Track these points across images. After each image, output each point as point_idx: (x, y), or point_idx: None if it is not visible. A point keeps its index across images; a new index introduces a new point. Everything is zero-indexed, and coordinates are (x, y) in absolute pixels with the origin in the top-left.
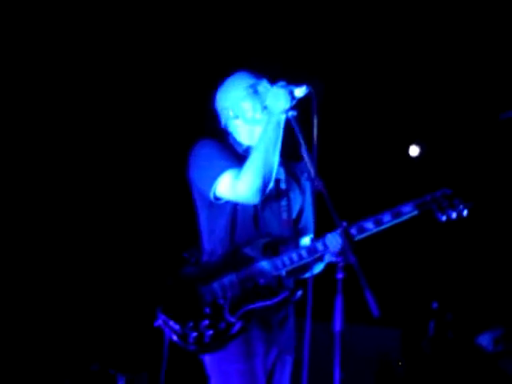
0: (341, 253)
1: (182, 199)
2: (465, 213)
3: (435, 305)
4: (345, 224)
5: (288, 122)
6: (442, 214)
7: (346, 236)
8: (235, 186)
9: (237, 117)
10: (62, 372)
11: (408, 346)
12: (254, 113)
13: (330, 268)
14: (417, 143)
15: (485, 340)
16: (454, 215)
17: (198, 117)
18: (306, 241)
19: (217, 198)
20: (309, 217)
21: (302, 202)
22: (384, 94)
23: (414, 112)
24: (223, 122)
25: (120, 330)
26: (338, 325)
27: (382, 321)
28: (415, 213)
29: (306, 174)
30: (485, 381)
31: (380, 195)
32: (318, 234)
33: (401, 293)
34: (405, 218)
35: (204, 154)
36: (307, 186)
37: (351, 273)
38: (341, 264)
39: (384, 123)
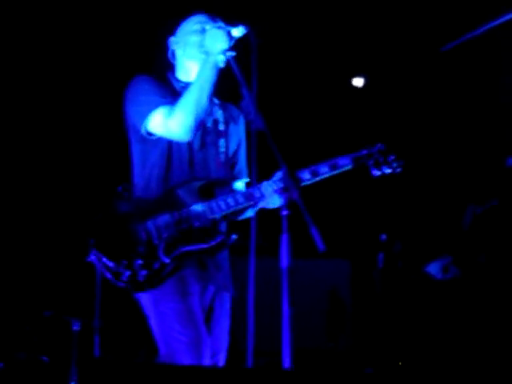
0: (284, 189)
1: (115, 133)
2: (398, 170)
3: (384, 236)
4: (280, 173)
5: (227, 62)
6: (378, 170)
7: (289, 173)
8: (166, 123)
9: (180, 48)
10: (17, 320)
11: (357, 277)
12: (195, 49)
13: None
14: (361, 74)
15: (434, 268)
16: (387, 171)
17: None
18: (239, 185)
19: (149, 134)
20: (243, 161)
21: (238, 144)
22: (326, 28)
23: (356, 43)
24: (170, 53)
25: (63, 272)
26: (284, 261)
27: (330, 254)
28: (350, 166)
29: (244, 115)
30: (434, 309)
31: (326, 128)
32: (258, 178)
33: (349, 225)
34: (340, 170)
35: (139, 89)
36: (243, 129)
37: (296, 209)
38: (285, 201)
39: (326, 56)
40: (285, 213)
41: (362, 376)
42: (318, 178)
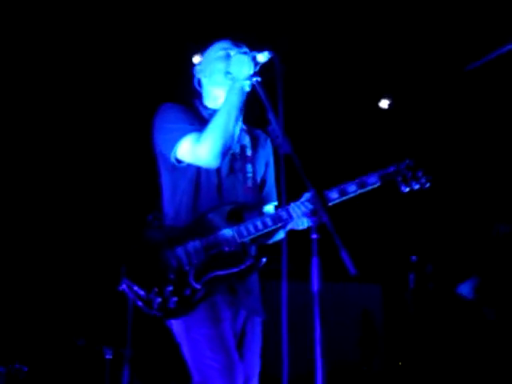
0: (313, 213)
1: (144, 163)
2: (427, 185)
3: (414, 258)
4: (308, 194)
5: (253, 87)
6: (406, 186)
7: (318, 196)
8: (195, 150)
9: (205, 76)
10: (50, 349)
11: (389, 299)
12: (220, 76)
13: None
14: (387, 96)
15: (465, 289)
16: (416, 186)
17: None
18: (269, 208)
19: (178, 161)
20: (272, 185)
21: (266, 169)
22: (352, 51)
23: (382, 66)
24: (195, 82)
25: (97, 301)
26: (315, 284)
27: (362, 277)
28: (379, 184)
29: (271, 140)
30: (466, 329)
31: (353, 150)
32: (287, 200)
33: (379, 248)
34: (369, 188)
35: (166, 117)
36: (271, 153)
37: (326, 232)
38: (315, 224)
39: (353, 79)
40: (315, 236)
41: None
42: (346, 197)
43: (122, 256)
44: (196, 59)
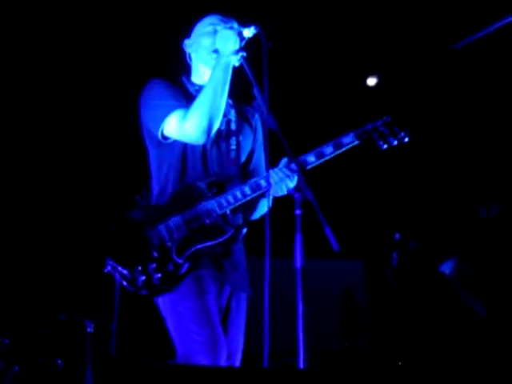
0: (298, 189)
1: (134, 144)
2: (406, 139)
3: (397, 235)
4: (285, 160)
5: (240, 63)
6: (384, 143)
7: (301, 172)
8: (182, 126)
9: (193, 51)
10: (31, 322)
11: (371, 276)
12: (206, 52)
13: (288, 205)
14: (374, 74)
15: (448, 267)
16: (394, 142)
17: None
18: None
19: (165, 137)
20: (259, 158)
21: (253, 143)
22: (338, 27)
23: (369, 43)
24: (187, 56)
25: (80, 277)
26: (298, 261)
27: (344, 254)
28: (356, 142)
29: (258, 115)
30: (449, 308)
31: (339, 127)
32: None
33: (362, 225)
34: (346, 148)
35: (153, 93)
36: (259, 127)
37: (309, 208)
38: (298, 200)
39: (340, 56)
40: (298, 212)
41: (377, 376)
42: (323, 159)
43: (106, 237)
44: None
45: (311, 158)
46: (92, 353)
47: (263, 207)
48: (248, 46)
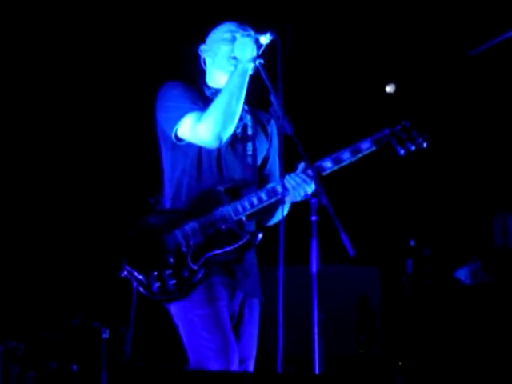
0: (314, 195)
1: (147, 148)
2: (424, 144)
3: (412, 242)
4: (302, 166)
5: (256, 69)
6: (401, 148)
7: (318, 178)
8: (195, 128)
9: (210, 57)
10: (45, 327)
11: (387, 283)
12: (224, 59)
13: (305, 211)
14: (391, 81)
15: (463, 274)
16: (412, 147)
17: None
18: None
19: (179, 139)
20: (274, 164)
21: (268, 149)
22: (355, 34)
23: (385, 50)
24: (201, 61)
25: (97, 283)
26: (314, 266)
27: (359, 260)
28: (374, 148)
29: (273, 121)
30: (464, 315)
31: (356, 133)
32: None
33: (377, 231)
34: (363, 154)
35: (169, 95)
36: (274, 134)
37: (325, 214)
38: (314, 206)
39: (356, 63)
40: (314, 218)
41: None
42: (340, 165)
43: (123, 242)
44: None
45: (328, 164)
46: (107, 358)
47: (278, 215)
48: (265, 53)
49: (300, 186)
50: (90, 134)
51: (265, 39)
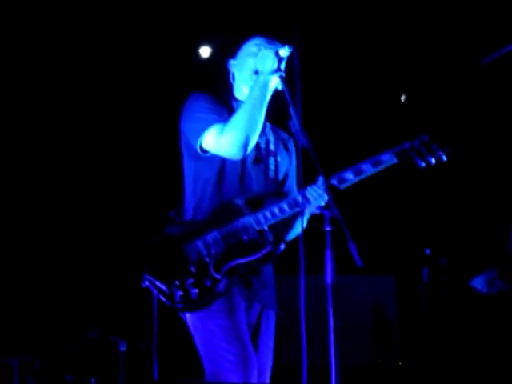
0: (326, 206)
1: (167, 160)
2: (444, 158)
3: (428, 251)
4: (322, 178)
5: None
6: (421, 161)
7: (330, 190)
8: (219, 140)
9: (237, 71)
10: (62, 340)
11: (403, 292)
12: (248, 73)
13: (318, 222)
14: (405, 91)
15: (479, 282)
16: (433, 160)
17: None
18: None
19: (203, 151)
20: (293, 182)
21: (288, 166)
22: (368, 45)
23: (398, 60)
24: (231, 76)
25: (116, 295)
26: (329, 277)
27: (375, 270)
28: (394, 161)
29: (292, 138)
30: (480, 324)
31: (375, 145)
32: None
33: (393, 241)
34: (384, 166)
35: (196, 106)
36: (293, 150)
37: (339, 225)
38: (328, 217)
39: (370, 74)
40: (328, 229)
41: None
42: (361, 177)
43: (143, 253)
44: (203, 51)
45: (349, 176)
46: (124, 372)
47: (298, 227)
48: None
49: (321, 197)
50: (114, 146)
51: (284, 52)
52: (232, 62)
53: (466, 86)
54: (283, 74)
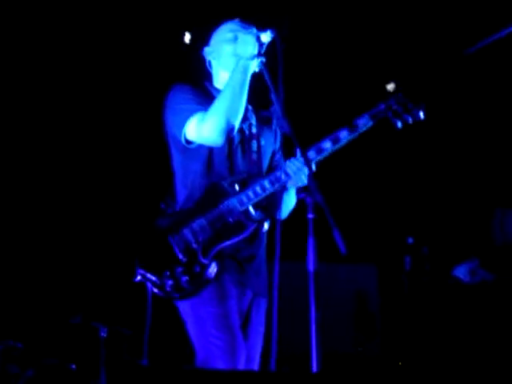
0: (308, 193)
1: (157, 152)
2: (421, 115)
3: (410, 240)
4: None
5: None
6: (398, 120)
7: (312, 176)
8: (200, 128)
9: (214, 58)
10: (45, 326)
11: (384, 280)
12: (229, 58)
13: (301, 209)
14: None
15: (461, 272)
16: (410, 119)
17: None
18: None
19: (188, 142)
20: (281, 160)
21: (274, 145)
22: (353, 33)
23: (382, 49)
24: (207, 64)
25: (99, 283)
26: (311, 264)
27: (357, 258)
28: (371, 123)
29: (276, 120)
30: (462, 313)
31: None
32: None
33: (375, 229)
34: (361, 130)
35: (177, 98)
36: (278, 130)
37: (322, 212)
38: (310, 204)
39: (358, 63)
40: (311, 216)
41: (389, 380)
42: (339, 145)
43: (133, 247)
44: (187, 38)
45: (327, 145)
46: (105, 358)
47: (288, 203)
48: (267, 51)
49: (301, 171)
50: (101, 139)
51: (266, 37)
52: (207, 49)
53: (452, 75)
54: (264, 60)
